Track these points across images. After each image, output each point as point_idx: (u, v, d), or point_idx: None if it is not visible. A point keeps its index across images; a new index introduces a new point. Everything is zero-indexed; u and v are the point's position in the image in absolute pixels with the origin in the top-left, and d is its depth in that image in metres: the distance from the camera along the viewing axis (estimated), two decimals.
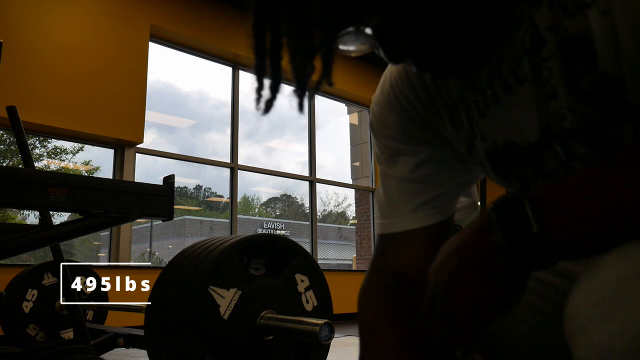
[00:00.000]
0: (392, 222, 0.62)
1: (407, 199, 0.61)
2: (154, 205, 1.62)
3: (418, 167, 0.61)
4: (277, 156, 9.68)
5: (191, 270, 1.36)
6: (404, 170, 0.62)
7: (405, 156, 0.62)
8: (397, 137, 0.62)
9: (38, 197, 1.40)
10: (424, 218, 0.61)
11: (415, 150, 0.62)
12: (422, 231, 0.61)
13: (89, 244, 8.31)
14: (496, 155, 0.57)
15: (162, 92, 7.23)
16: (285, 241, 1.59)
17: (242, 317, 1.38)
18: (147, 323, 1.44)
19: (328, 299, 1.63)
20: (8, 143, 5.48)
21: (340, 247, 14.27)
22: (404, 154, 0.62)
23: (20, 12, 3.86)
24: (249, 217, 12.92)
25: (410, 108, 0.61)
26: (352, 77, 6.33)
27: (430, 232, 0.61)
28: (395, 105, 0.62)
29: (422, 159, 0.61)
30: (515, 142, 0.54)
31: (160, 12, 4.69)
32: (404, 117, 0.61)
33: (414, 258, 0.61)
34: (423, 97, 0.60)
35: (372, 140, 0.66)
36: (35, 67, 3.87)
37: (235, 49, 5.23)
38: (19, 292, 2.78)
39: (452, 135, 0.59)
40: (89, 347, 1.73)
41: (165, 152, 4.87)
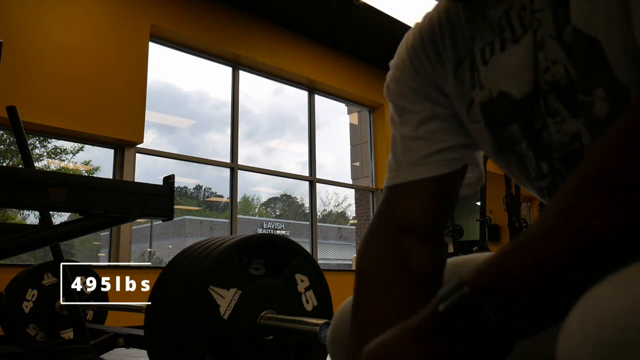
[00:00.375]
0: (395, 175, 0.65)
1: (411, 153, 0.64)
2: (154, 205, 1.62)
3: (421, 125, 0.64)
4: (277, 156, 9.68)
5: (191, 270, 1.36)
6: (408, 129, 0.65)
7: (410, 114, 0.65)
8: (406, 94, 0.65)
9: (38, 197, 1.40)
10: (426, 170, 0.63)
11: (419, 108, 0.65)
12: (423, 182, 0.63)
13: (89, 244, 8.31)
14: (489, 107, 0.59)
15: (162, 92, 7.22)
16: (285, 241, 1.59)
17: (242, 317, 1.38)
18: (147, 323, 1.44)
19: (328, 299, 1.63)
20: (8, 143, 5.48)
21: (340, 247, 14.27)
22: (409, 113, 0.65)
23: (20, 12, 3.86)
24: (249, 217, 12.91)
25: (420, 65, 0.65)
26: (352, 77, 6.33)
27: (432, 184, 0.63)
28: (408, 64, 0.66)
29: (425, 116, 0.64)
30: (509, 92, 0.56)
31: (160, 12, 4.69)
32: (414, 74, 0.65)
33: (415, 207, 0.63)
34: (432, 54, 0.63)
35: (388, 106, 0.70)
36: (35, 67, 3.87)
37: (235, 49, 5.23)
38: (19, 292, 2.79)
39: (454, 91, 0.62)
40: (89, 347, 1.73)
41: (165, 152, 4.87)
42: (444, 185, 0.64)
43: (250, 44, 5.35)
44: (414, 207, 0.63)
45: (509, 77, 0.56)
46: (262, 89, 7.85)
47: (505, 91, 0.57)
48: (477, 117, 0.61)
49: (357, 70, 6.40)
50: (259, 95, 7.76)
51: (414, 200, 0.63)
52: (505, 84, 0.56)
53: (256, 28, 5.43)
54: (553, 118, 0.53)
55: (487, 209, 5.82)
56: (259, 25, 5.45)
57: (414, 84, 0.65)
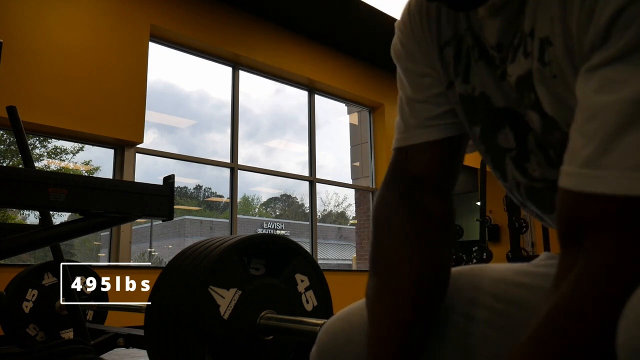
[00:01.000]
0: (404, 136, 0.67)
1: (417, 116, 0.67)
2: (154, 205, 1.62)
3: (425, 87, 0.67)
4: (278, 156, 9.68)
5: (191, 270, 1.36)
6: (413, 90, 0.68)
7: (414, 76, 0.68)
8: (410, 56, 0.68)
9: (38, 197, 1.40)
10: (432, 133, 0.65)
11: (422, 71, 0.67)
12: (430, 144, 0.66)
13: (89, 244, 8.31)
14: (468, 102, 0.62)
15: (163, 92, 7.22)
16: (285, 241, 1.59)
17: (242, 317, 1.38)
18: (147, 323, 1.44)
19: (328, 299, 1.63)
20: (8, 143, 5.48)
21: (340, 247, 14.28)
22: (413, 74, 0.68)
23: (20, 12, 3.86)
24: (249, 217, 12.91)
25: (417, 31, 0.67)
26: (352, 77, 6.33)
27: (439, 146, 0.66)
28: (409, 29, 0.68)
29: (427, 79, 0.67)
30: (492, 98, 0.60)
31: (160, 12, 4.69)
32: (414, 39, 0.68)
33: (425, 164, 0.66)
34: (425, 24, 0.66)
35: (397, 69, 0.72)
36: (35, 67, 3.87)
37: (235, 49, 5.23)
38: (19, 292, 2.79)
39: (438, 68, 0.65)
40: (89, 347, 1.73)
41: (165, 152, 4.87)
42: (451, 146, 0.66)
43: (250, 44, 5.35)
44: (424, 164, 0.66)
45: (495, 88, 0.59)
46: (262, 89, 7.85)
47: (487, 95, 0.60)
48: (454, 101, 0.64)
49: (357, 70, 6.40)
50: (259, 95, 7.76)
51: (423, 158, 0.67)
52: (490, 90, 0.59)
53: (256, 28, 5.43)
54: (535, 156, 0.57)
55: (487, 209, 5.83)
56: (259, 25, 5.45)
57: (415, 48, 0.67)
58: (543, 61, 0.50)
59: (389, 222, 0.66)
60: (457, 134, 0.66)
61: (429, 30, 0.65)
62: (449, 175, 0.67)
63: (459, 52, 0.62)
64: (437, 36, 0.64)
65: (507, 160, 0.61)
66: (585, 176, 0.41)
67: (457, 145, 0.67)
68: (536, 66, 0.51)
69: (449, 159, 0.66)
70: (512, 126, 0.59)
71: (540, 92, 0.51)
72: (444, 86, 0.65)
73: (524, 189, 0.61)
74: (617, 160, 0.40)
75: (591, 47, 0.43)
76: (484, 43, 0.58)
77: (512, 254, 5.24)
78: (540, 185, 0.59)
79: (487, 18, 0.56)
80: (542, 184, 0.58)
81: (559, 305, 0.41)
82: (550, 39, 0.49)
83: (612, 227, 0.39)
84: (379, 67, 6.57)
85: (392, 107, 6.78)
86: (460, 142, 0.68)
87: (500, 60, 0.56)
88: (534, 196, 0.61)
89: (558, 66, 0.49)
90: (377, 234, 0.67)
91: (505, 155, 0.61)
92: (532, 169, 0.58)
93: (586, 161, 0.42)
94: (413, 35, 0.67)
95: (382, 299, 0.63)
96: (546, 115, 0.52)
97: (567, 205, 0.44)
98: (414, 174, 0.67)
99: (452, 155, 0.67)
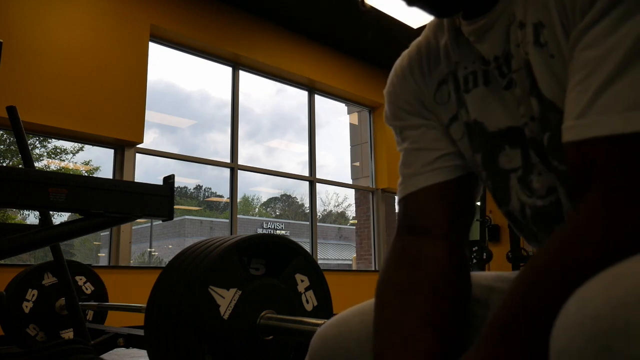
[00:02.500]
0: (402, 187, 0.68)
1: (414, 164, 0.67)
2: (154, 205, 1.62)
3: (419, 136, 0.68)
4: (279, 156, 9.68)
5: (191, 270, 1.36)
6: (409, 142, 0.69)
7: (408, 130, 0.69)
8: (401, 114, 0.70)
9: (38, 197, 1.40)
10: (429, 177, 0.66)
11: (414, 123, 0.69)
12: (429, 189, 0.65)
13: (89, 244, 8.31)
14: (470, 129, 0.64)
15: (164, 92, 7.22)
16: (285, 241, 1.59)
17: (242, 317, 1.38)
18: (147, 323, 1.44)
19: (328, 299, 1.63)
20: (8, 143, 5.48)
21: (340, 247, 14.27)
22: (407, 129, 0.70)
23: (20, 12, 3.86)
24: (249, 217, 12.90)
25: (407, 86, 0.70)
26: (352, 77, 6.33)
27: (439, 190, 0.65)
28: (397, 87, 0.71)
29: (421, 129, 0.68)
30: (484, 123, 0.62)
31: (160, 12, 4.68)
32: (404, 94, 0.70)
33: (426, 210, 0.66)
34: (418, 76, 0.68)
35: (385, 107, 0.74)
36: (35, 67, 3.86)
37: (235, 49, 5.23)
38: (19, 292, 2.79)
39: (435, 111, 0.67)
40: (89, 347, 1.73)
41: (165, 152, 4.87)
42: (452, 190, 0.65)
43: (250, 44, 5.35)
44: (424, 211, 0.65)
45: (488, 112, 0.61)
46: (264, 88, 7.86)
47: (480, 121, 0.62)
48: (460, 134, 0.65)
49: (357, 70, 6.40)
50: (260, 95, 7.76)
51: (424, 205, 0.66)
52: (482, 116, 0.61)
53: (256, 28, 5.43)
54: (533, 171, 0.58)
55: (487, 209, 5.83)
56: (259, 25, 5.45)
57: (404, 104, 0.69)
58: (539, 43, 0.52)
59: (385, 281, 0.64)
60: (457, 177, 0.66)
61: (422, 77, 0.67)
62: (456, 219, 0.65)
63: (457, 85, 0.64)
64: (431, 78, 0.66)
65: (512, 182, 0.61)
66: (581, 125, 0.44)
67: (459, 188, 0.66)
68: (532, 50, 0.52)
69: (452, 203, 0.65)
70: (514, 145, 0.59)
71: (538, 75, 0.53)
72: (444, 125, 0.66)
73: (530, 210, 0.60)
74: (608, 104, 0.42)
75: (582, 13, 0.46)
76: (483, 65, 0.60)
77: (512, 254, 5.24)
78: (546, 203, 0.58)
79: (479, 41, 0.59)
80: (547, 200, 0.58)
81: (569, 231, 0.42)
82: (542, 22, 0.51)
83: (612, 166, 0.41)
84: (379, 67, 6.57)
85: None
86: (464, 186, 0.66)
87: (500, 74, 0.58)
88: (541, 217, 0.60)
89: (554, 45, 0.50)
90: (376, 295, 0.64)
91: (509, 176, 0.61)
92: (535, 181, 0.58)
93: (581, 112, 0.44)
94: (402, 90, 0.69)
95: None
96: (544, 99, 0.53)
97: (571, 158, 0.46)
98: (416, 220, 0.66)
99: (455, 199, 0.65)
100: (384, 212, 6.70)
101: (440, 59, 0.65)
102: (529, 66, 0.53)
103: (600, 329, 0.31)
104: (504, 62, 0.57)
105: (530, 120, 0.56)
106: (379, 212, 6.67)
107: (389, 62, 0.72)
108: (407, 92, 0.69)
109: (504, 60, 0.57)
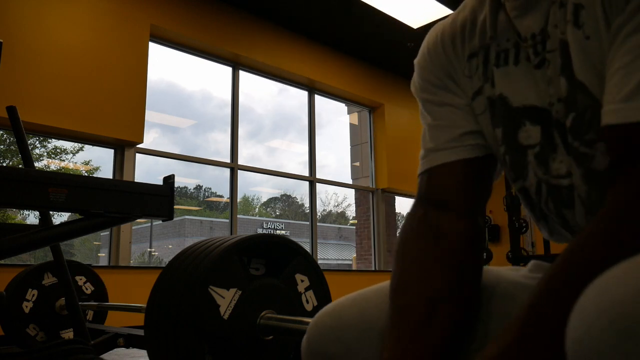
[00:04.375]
0: (424, 161, 0.69)
1: (436, 140, 0.68)
2: (154, 205, 1.62)
3: (443, 113, 0.69)
4: (279, 156, 9.67)
5: (191, 270, 1.36)
6: (432, 117, 0.70)
7: (432, 105, 0.70)
8: (427, 87, 0.71)
9: (38, 197, 1.40)
10: (450, 154, 0.67)
11: (439, 99, 0.69)
12: (450, 165, 0.66)
13: (89, 244, 8.30)
14: (493, 104, 0.64)
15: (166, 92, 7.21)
16: (285, 241, 1.59)
17: (242, 317, 1.38)
18: (147, 323, 1.44)
19: (328, 299, 1.62)
20: (8, 143, 5.48)
21: (340, 247, 14.26)
22: (431, 104, 0.70)
23: (20, 12, 3.86)
24: (249, 217, 12.90)
25: (436, 59, 0.71)
26: (352, 77, 6.33)
27: (459, 167, 0.66)
28: (427, 59, 0.72)
29: (446, 105, 0.69)
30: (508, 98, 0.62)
31: (160, 12, 4.68)
32: (432, 68, 0.71)
33: (445, 186, 0.67)
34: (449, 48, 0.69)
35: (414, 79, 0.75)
36: (35, 67, 3.86)
37: (235, 49, 5.23)
38: (19, 292, 2.78)
39: (462, 82, 0.68)
40: (89, 347, 1.73)
41: (164, 152, 4.87)
42: (472, 168, 0.67)
43: (250, 44, 5.35)
44: (444, 186, 0.67)
45: (514, 88, 0.61)
46: (265, 88, 7.85)
47: (505, 96, 0.63)
48: (482, 108, 0.65)
49: (357, 70, 6.40)
50: (261, 95, 7.75)
51: (444, 180, 0.67)
52: (508, 91, 0.62)
53: (256, 28, 5.43)
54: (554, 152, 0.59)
55: (487, 209, 5.82)
56: (259, 25, 5.45)
57: (432, 77, 0.70)
58: (577, 24, 0.52)
59: (406, 248, 0.66)
60: (476, 156, 0.67)
61: (453, 50, 0.68)
62: (474, 196, 0.67)
63: (487, 60, 0.64)
64: (463, 51, 0.67)
65: (529, 158, 0.62)
66: (627, 109, 0.44)
67: (479, 167, 0.67)
68: (570, 30, 0.53)
69: (470, 181, 0.66)
70: (534, 122, 0.60)
71: (574, 55, 0.53)
72: (469, 97, 0.67)
73: (546, 185, 0.61)
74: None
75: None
76: (517, 43, 0.61)
77: (512, 254, 5.24)
78: (565, 183, 0.59)
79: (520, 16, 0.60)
80: (567, 180, 0.59)
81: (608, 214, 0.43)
82: (582, 3, 0.52)
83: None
84: (379, 67, 6.57)
85: (392, 107, 6.78)
86: (482, 165, 0.67)
87: (535, 52, 0.59)
88: (555, 193, 0.61)
89: (591, 26, 0.51)
90: (396, 261, 0.66)
91: (527, 152, 0.62)
92: (558, 162, 0.59)
93: (627, 96, 0.44)
94: (432, 63, 0.70)
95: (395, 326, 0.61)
96: (574, 80, 0.53)
97: (612, 141, 0.46)
98: (435, 195, 0.67)
99: (475, 177, 0.67)
100: (384, 212, 6.70)
101: (475, 33, 0.66)
102: (565, 46, 0.54)
103: (621, 314, 0.31)
104: (540, 41, 0.58)
105: (557, 102, 0.56)
106: (379, 212, 6.67)
107: (389, 62, 0.73)
108: (436, 66, 0.70)
109: (540, 39, 0.58)
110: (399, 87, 6.78)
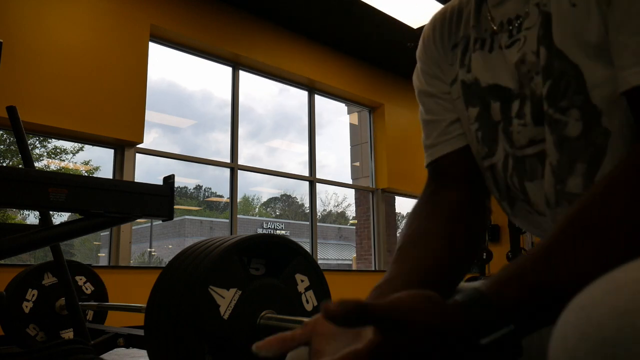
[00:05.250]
0: (427, 155, 0.74)
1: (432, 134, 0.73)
2: (154, 205, 1.62)
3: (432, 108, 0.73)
4: (280, 156, 9.66)
5: (191, 270, 1.36)
6: (424, 110, 0.75)
7: (424, 97, 0.74)
8: (424, 78, 0.75)
9: (38, 197, 1.40)
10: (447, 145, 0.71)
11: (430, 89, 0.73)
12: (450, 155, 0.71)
13: (89, 244, 8.30)
14: (467, 88, 0.68)
15: (166, 92, 7.21)
16: (285, 241, 1.59)
17: (242, 317, 1.38)
18: (147, 323, 1.44)
19: (328, 299, 1.63)
20: (8, 143, 5.48)
21: (340, 247, 14.26)
22: (424, 95, 0.74)
23: (20, 12, 3.86)
24: (249, 217, 12.89)
25: (430, 49, 0.74)
26: (352, 77, 6.33)
27: (456, 154, 0.70)
28: (422, 51, 0.76)
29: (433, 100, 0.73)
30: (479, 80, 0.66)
31: (160, 12, 4.69)
32: (427, 58, 0.75)
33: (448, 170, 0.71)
34: (438, 38, 0.73)
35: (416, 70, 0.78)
36: (35, 67, 3.86)
37: (235, 49, 5.23)
38: (19, 292, 2.79)
39: (448, 70, 0.71)
40: (89, 347, 1.73)
41: (164, 152, 4.87)
42: (466, 155, 0.70)
43: (250, 44, 5.35)
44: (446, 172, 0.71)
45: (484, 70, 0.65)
46: (265, 88, 7.84)
47: (478, 78, 0.66)
48: (457, 94, 0.69)
49: (357, 70, 6.40)
50: (262, 95, 7.75)
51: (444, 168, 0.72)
52: (480, 73, 0.66)
53: (256, 28, 5.43)
54: (519, 119, 0.61)
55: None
56: (259, 25, 5.45)
57: (426, 67, 0.75)
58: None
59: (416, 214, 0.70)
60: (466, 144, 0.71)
61: (441, 41, 0.72)
62: (475, 177, 0.71)
63: (466, 49, 0.69)
64: (449, 41, 0.72)
65: (499, 134, 0.65)
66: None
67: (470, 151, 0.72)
68: (555, 1, 0.55)
69: (468, 164, 0.71)
70: (496, 99, 0.63)
71: (554, 25, 0.55)
72: (448, 84, 0.71)
73: (512, 159, 0.64)
74: None
75: None
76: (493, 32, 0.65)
77: (512, 254, 5.24)
78: (529, 152, 0.61)
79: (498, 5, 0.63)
80: (530, 149, 0.61)
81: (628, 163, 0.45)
82: None
83: None
84: (379, 67, 6.57)
85: (391, 107, 6.78)
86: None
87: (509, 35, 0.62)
88: (521, 165, 0.63)
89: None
90: (407, 223, 0.70)
91: (497, 127, 0.65)
92: (516, 132, 0.62)
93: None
94: (426, 54, 0.75)
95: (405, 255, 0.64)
96: (553, 47, 0.55)
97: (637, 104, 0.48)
98: (440, 179, 0.72)
99: (471, 161, 0.71)
100: (384, 212, 6.70)
101: (461, 24, 0.70)
102: (547, 17, 0.56)
103: (605, 337, 0.31)
104: (516, 24, 0.61)
105: (535, 75, 0.58)
106: (379, 212, 6.67)
107: (389, 62, 0.74)
108: (428, 56, 0.74)
109: (517, 22, 0.61)
110: (399, 87, 6.79)
